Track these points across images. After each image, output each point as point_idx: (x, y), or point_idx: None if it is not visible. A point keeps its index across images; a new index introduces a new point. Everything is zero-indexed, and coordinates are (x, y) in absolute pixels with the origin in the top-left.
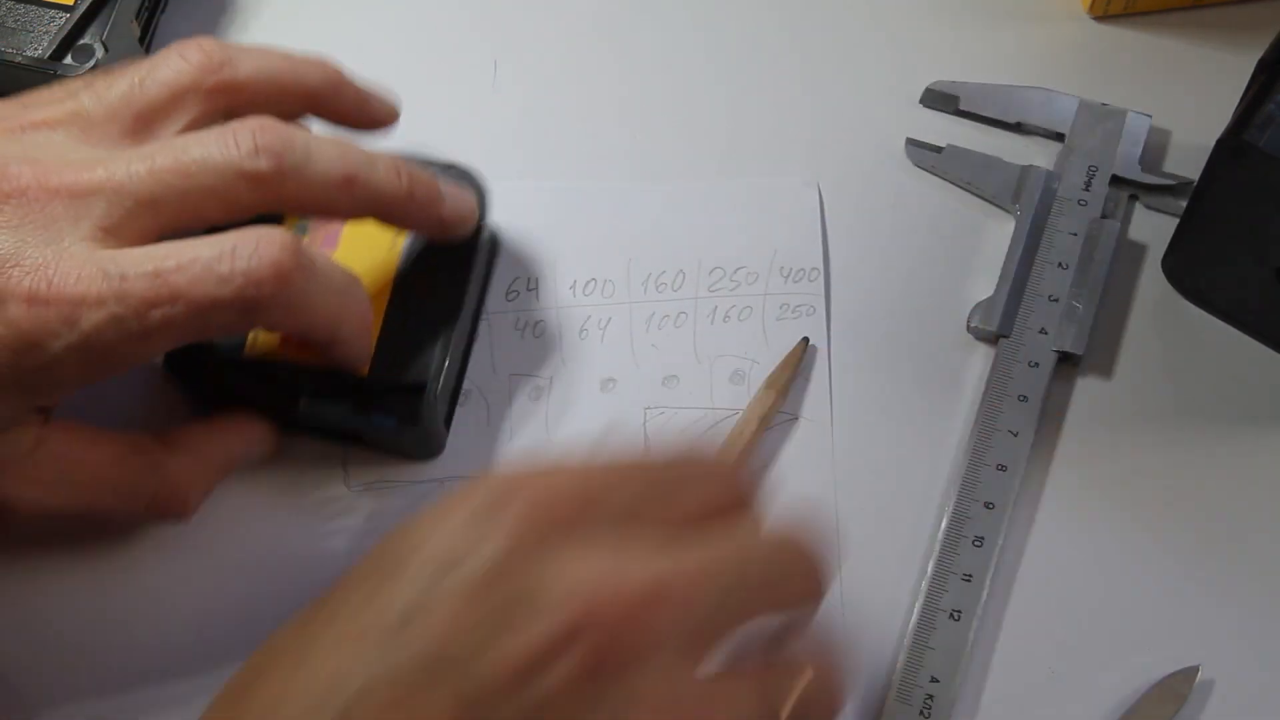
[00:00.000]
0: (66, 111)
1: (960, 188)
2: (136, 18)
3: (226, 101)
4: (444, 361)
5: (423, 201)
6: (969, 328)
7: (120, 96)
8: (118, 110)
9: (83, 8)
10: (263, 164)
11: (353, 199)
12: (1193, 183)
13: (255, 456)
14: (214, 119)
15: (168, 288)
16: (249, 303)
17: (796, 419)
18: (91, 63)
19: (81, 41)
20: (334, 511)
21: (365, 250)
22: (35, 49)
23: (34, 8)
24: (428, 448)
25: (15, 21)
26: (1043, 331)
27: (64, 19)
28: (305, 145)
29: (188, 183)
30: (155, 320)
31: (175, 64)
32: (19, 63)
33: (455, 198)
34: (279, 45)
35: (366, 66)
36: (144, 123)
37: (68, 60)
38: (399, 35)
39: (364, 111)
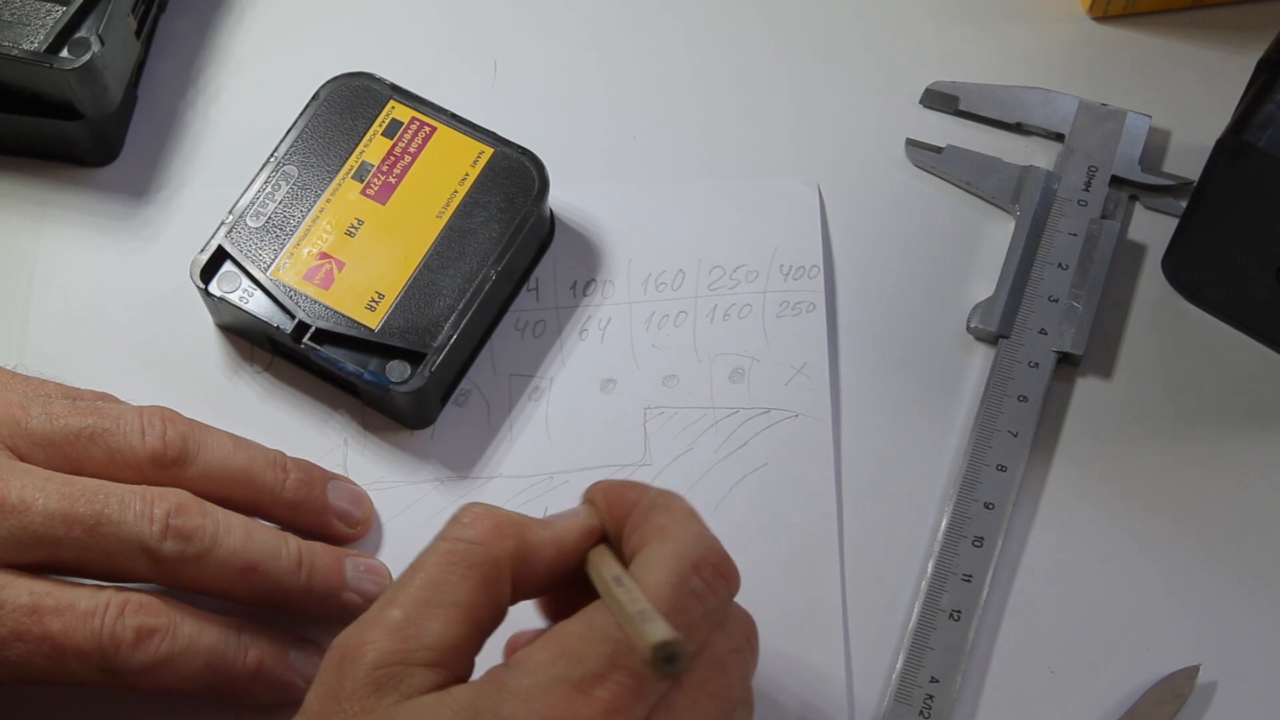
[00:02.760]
0: (8, 416)
1: (960, 188)
2: (133, 12)
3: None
4: (453, 335)
5: (321, 593)
6: (969, 328)
7: (65, 432)
8: (58, 443)
9: (79, 1)
10: (168, 548)
11: (249, 588)
12: (1193, 183)
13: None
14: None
15: (40, 626)
16: (108, 659)
17: (796, 416)
18: (87, 56)
19: (78, 35)
20: None
21: (416, 206)
22: (31, 42)
23: (30, 1)
24: (417, 417)
25: (11, 15)
26: (1043, 332)
27: (60, 12)
28: (214, 532)
29: (93, 539)
30: (14, 654)
31: (132, 438)
32: (15, 56)
33: (362, 580)
34: (279, 45)
35: (366, 66)
36: (75, 466)
37: (64, 54)
38: (399, 34)
39: (323, 529)
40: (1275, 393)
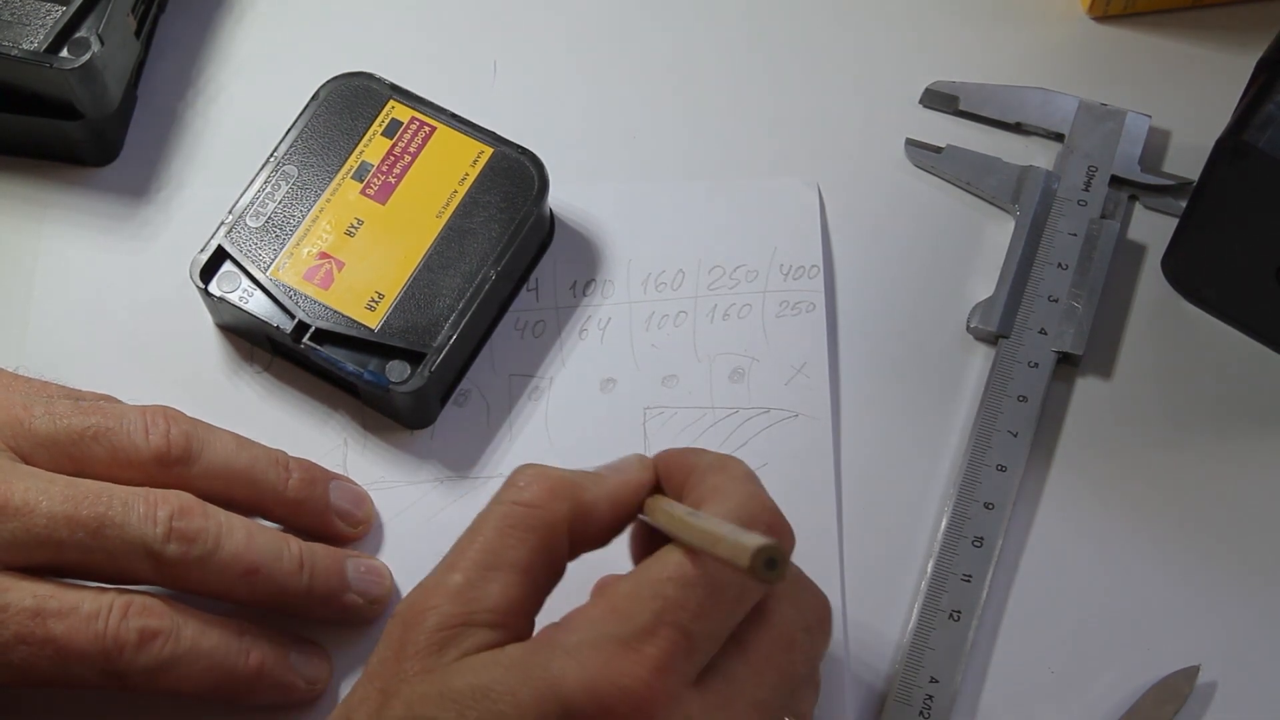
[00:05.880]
0: (10, 417)
1: (960, 188)
2: (133, 12)
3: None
4: (452, 335)
5: (323, 594)
6: (969, 328)
7: (68, 432)
8: (61, 443)
9: (79, 1)
10: (171, 550)
11: (251, 590)
12: (1193, 183)
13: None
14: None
15: (44, 629)
16: (111, 662)
17: (795, 416)
18: (87, 56)
19: (78, 35)
20: None
21: (416, 206)
22: (31, 42)
23: (30, 1)
24: (417, 417)
25: (11, 14)
26: (1042, 332)
27: (60, 12)
28: (217, 534)
29: (96, 541)
30: (17, 657)
31: (135, 437)
32: (15, 56)
33: (363, 581)
34: (279, 45)
35: (366, 66)
36: (79, 466)
37: (63, 53)
38: (399, 34)
39: (324, 528)
40: (1275, 393)
